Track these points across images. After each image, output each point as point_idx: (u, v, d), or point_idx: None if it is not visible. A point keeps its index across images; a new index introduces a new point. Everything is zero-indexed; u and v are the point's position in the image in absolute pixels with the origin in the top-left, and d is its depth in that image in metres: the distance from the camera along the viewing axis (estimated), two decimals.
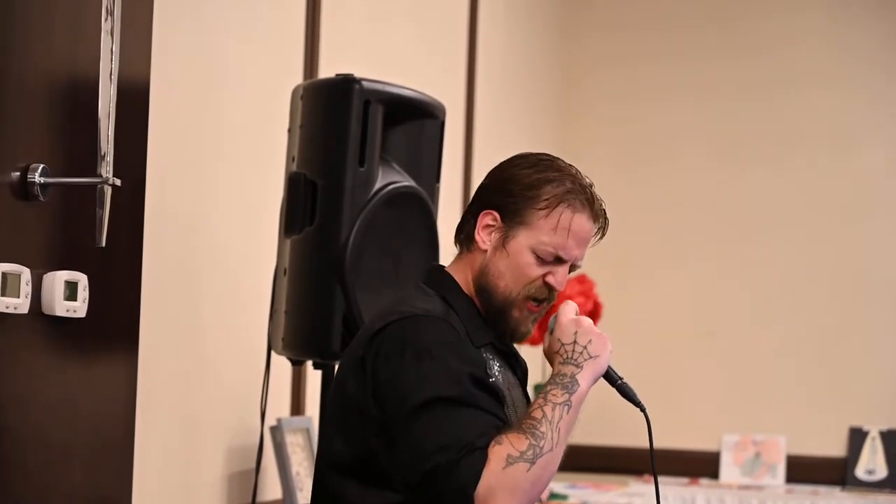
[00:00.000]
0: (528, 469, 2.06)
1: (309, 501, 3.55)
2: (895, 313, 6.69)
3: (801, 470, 6.71)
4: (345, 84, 3.03)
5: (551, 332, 2.25)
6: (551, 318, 2.27)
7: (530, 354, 3.23)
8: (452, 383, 2.11)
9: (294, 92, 3.19)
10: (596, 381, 2.21)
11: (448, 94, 4.58)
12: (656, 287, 6.90)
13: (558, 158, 2.36)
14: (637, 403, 2.29)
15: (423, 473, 2.07)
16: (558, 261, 2.27)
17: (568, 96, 7.20)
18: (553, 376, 2.18)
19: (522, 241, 2.26)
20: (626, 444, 6.50)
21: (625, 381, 2.29)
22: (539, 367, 5.34)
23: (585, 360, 2.18)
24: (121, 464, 2.48)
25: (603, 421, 6.32)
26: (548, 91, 7.07)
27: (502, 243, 2.27)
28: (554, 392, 2.14)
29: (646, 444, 2.31)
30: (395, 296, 2.40)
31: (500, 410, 2.17)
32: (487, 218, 2.30)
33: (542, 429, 2.09)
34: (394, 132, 3.14)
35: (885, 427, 6.65)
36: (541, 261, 2.26)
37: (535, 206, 2.27)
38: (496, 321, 2.30)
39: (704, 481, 6.68)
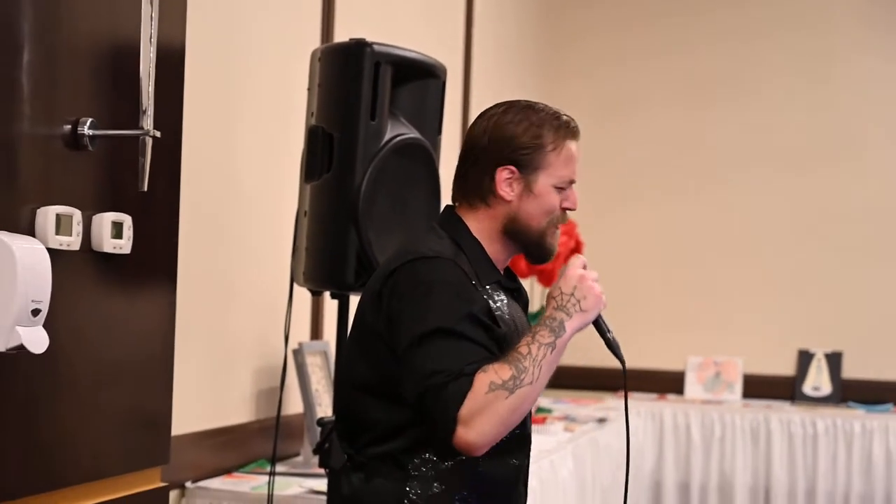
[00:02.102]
0: (507, 397, 2.04)
1: (325, 415, 3.57)
2: (841, 250, 6.72)
3: (756, 387, 6.76)
4: (358, 47, 3.01)
5: (558, 278, 2.25)
6: (562, 268, 2.25)
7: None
8: (453, 318, 2.10)
9: (312, 55, 3.16)
10: (581, 330, 2.19)
11: (448, 57, 4.55)
12: (629, 224, 6.93)
13: (529, 101, 2.34)
14: (619, 357, 2.26)
15: (417, 394, 2.07)
16: (571, 184, 2.29)
17: (553, 58, 7.18)
18: (544, 318, 2.16)
19: (544, 181, 2.26)
20: (603, 364, 6.52)
21: (613, 336, 2.27)
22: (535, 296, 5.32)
23: (576, 311, 2.16)
24: (162, 382, 2.48)
25: (583, 344, 6.37)
26: (535, 54, 7.05)
27: (529, 190, 2.25)
28: (542, 333, 2.12)
29: (619, 364, 2.28)
30: (411, 236, 2.39)
31: (493, 346, 2.16)
32: (504, 173, 2.27)
33: (526, 363, 2.07)
34: (401, 90, 3.13)
35: (829, 349, 6.70)
36: (559, 190, 2.27)
37: (545, 149, 2.26)
38: (533, 251, 2.31)
39: (671, 397, 6.73)
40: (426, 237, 2.28)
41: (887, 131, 6.74)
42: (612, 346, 2.27)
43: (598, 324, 2.24)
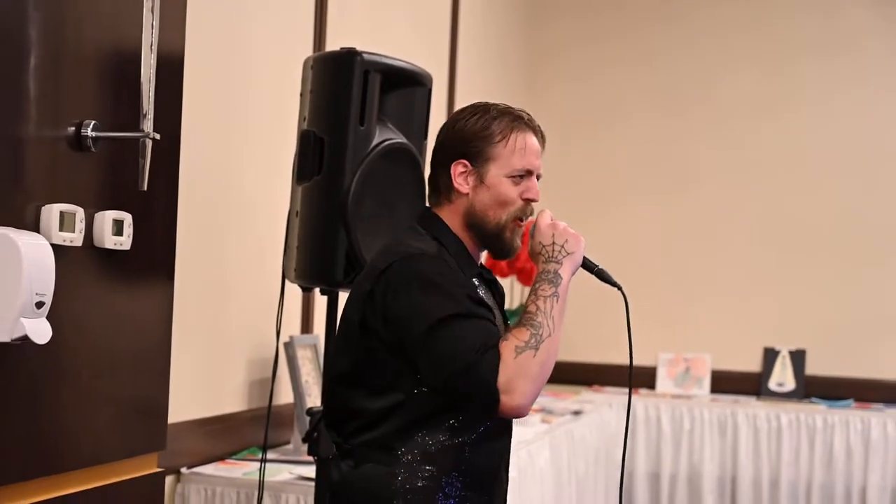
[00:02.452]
0: (534, 355, 2.05)
1: (314, 405, 3.58)
2: (806, 255, 6.76)
3: (724, 383, 6.79)
4: (348, 56, 3.02)
5: (532, 237, 2.23)
6: (532, 226, 2.25)
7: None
8: (456, 303, 2.10)
9: (305, 62, 3.16)
10: (575, 271, 2.20)
11: (434, 66, 4.56)
12: (605, 227, 6.93)
13: (488, 102, 2.33)
14: (614, 283, 2.27)
15: (449, 377, 2.05)
16: (528, 175, 2.25)
17: (533, 67, 7.20)
18: (539, 274, 2.16)
19: (495, 172, 2.24)
20: (579, 360, 6.55)
21: (601, 267, 2.27)
22: (514, 294, 5.33)
23: (564, 256, 2.17)
24: (159, 372, 2.48)
25: (561, 340, 6.39)
26: (517, 63, 7.06)
27: (480, 181, 2.24)
28: (542, 287, 2.13)
29: (594, 360, 2.30)
30: (393, 236, 2.37)
31: (494, 319, 2.17)
32: (459, 167, 2.26)
33: (539, 319, 2.08)
34: (389, 97, 3.13)
35: (793, 347, 6.72)
36: (515, 181, 2.24)
37: (493, 140, 2.24)
38: (492, 245, 2.27)
39: (643, 391, 6.74)
40: (408, 236, 2.27)
41: (848, 142, 6.78)
42: (604, 277, 2.27)
43: (585, 262, 2.24)
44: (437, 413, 2.15)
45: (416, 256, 2.18)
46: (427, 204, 2.38)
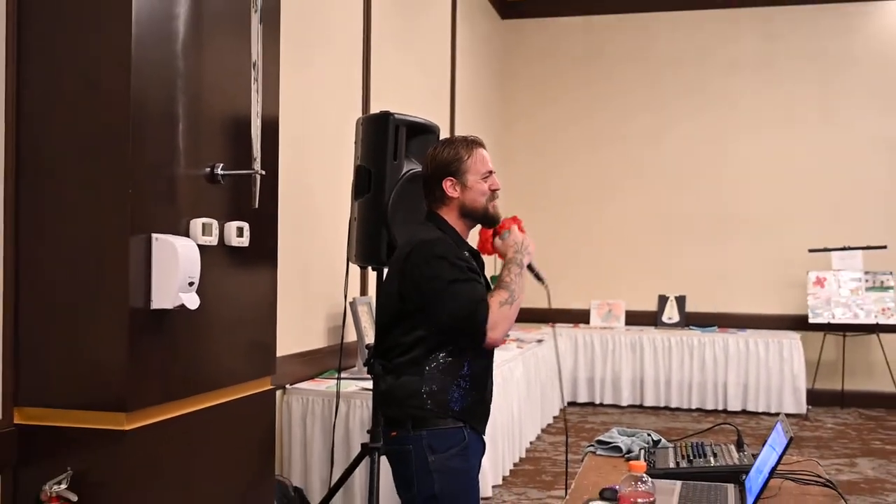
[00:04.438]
0: (510, 308, 2.10)
1: (370, 342, 3.57)
2: (686, 234, 6.74)
3: (633, 318, 6.77)
4: (384, 117, 3.00)
5: (503, 239, 2.26)
6: (504, 232, 2.26)
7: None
8: (460, 272, 2.11)
9: (357, 121, 3.15)
10: (528, 263, 2.25)
11: (440, 119, 4.53)
12: (559, 218, 6.91)
13: (450, 137, 2.33)
14: (540, 280, 2.31)
15: (455, 320, 2.08)
16: (490, 174, 2.26)
17: (504, 108, 7.16)
18: (509, 261, 2.21)
19: (472, 178, 2.23)
20: (541, 306, 6.53)
21: (537, 270, 2.31)
22: (493, 266, 5.30)
23: (525, 254, 2.23)
24: (269, 324, 2.48)
25: (528, 294, 6.37)
26: (496, 107, 7.02)
27: (465, 186, 2.24)
28: (512, 269, 2.18)
29: (551, 306, 2.30)
30: (412, 231, 2.34)
31: (480, 279, 2.19)
32: (448, 182, 2.25)
33: (513, 286, 2.13)
34: (412, 141, 3.11)
35: (678, 294, 6.71)
36: (485, 180, 2.24)
37: (463, 160, 2.23)
38: (484, 220, 2.28)
39: (581, 326, 6.72)
40: (422, 229, 2.26)
41: (711, 156, 6.75)
42: (537, 275, 2.31)
43: (530, 266, 2.27)
44: (447, 342, 2.15)
45: (429, 241, 2.17)
46: (428, 208, 2.35)
